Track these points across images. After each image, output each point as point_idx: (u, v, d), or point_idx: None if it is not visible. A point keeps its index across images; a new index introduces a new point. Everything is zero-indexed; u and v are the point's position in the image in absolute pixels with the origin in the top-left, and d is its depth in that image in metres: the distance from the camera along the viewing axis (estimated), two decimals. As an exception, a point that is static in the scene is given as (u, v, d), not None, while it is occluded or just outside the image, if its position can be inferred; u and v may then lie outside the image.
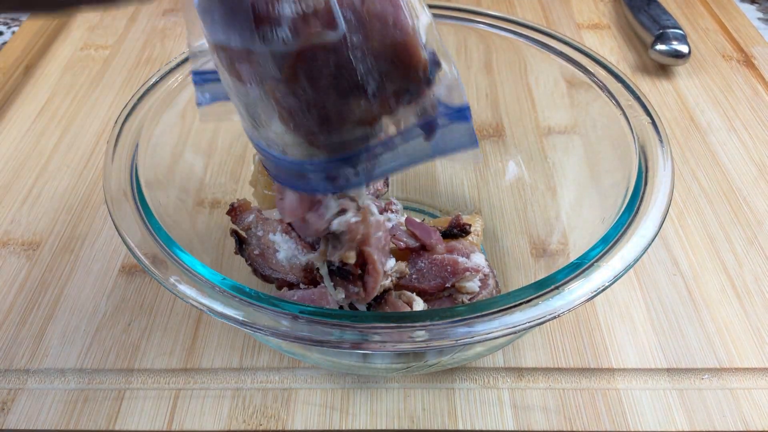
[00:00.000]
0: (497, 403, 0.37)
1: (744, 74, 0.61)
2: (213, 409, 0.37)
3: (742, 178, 0.51)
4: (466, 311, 0.27)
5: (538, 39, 0.43)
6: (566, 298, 0.28)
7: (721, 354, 0.39)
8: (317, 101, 0.24)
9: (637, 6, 0.66)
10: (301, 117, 0.25)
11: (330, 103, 0.25)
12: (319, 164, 0.27)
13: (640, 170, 0.33)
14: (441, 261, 0.36)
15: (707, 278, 0.43)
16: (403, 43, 0.24)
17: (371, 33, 0.23)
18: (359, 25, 0.23)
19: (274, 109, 0.25)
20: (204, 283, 0.29)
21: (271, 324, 0.27)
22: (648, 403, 0.37)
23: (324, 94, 0.24)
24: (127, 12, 0.72)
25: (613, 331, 0.40)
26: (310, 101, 0.24)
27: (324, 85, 0.24)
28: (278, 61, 0.23)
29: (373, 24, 0.23)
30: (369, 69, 0.24)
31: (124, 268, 0.44)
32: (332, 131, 0.26)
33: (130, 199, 0.33)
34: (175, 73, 0.40)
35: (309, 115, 0.25)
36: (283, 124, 0.26)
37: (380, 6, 0.23)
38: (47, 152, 0.54)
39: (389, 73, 0.25)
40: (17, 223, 0.48)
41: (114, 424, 0.36)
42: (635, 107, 0.37)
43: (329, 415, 0.36)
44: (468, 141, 0.28)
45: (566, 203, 0.42)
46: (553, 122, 0.45)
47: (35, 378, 0.38)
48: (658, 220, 0.30)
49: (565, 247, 0.40)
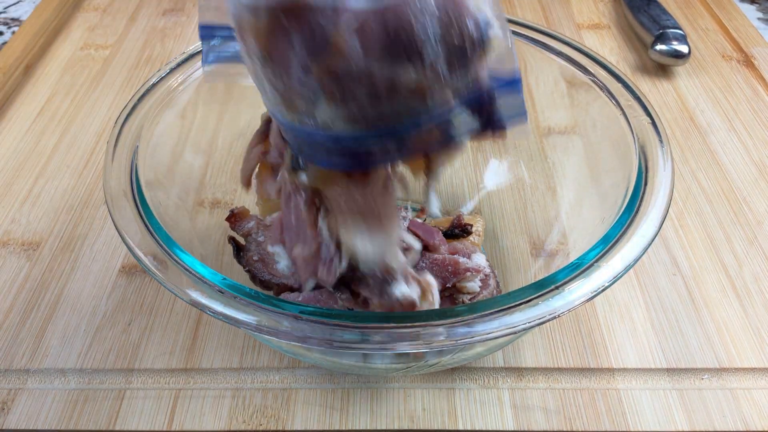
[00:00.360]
0: (497, 403, 0.37)
1: (744, 74, 0.61)
2: (213, 409, 0.37)
3: (742, 178, 0.51)
4: (466, 311, 0.27)
5: (538, 39, 0.42)
6: (566, 299, 0.28)
7: (721, 354, 0.39)
8: (369, 69, 0.22)
9: (637, 6, 0.66)
10: (350, 90, 0.23)
11: (383, 71, 0.22)
12: (358, 137, 0.25)
13: (640, 170, 0.33)
14: (442, 261, 0.36)
15: (707, 278, 0.43)
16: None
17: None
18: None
19: (318, 87, 0.23)
20: (204, 283, 0.29)
21: (272, 324, 0.27)
22: (648, 403, 0.37)
23: (377, 61, 0.22)
24: (127, 12, 0.72)
25: (613, 331, 0.40)
26: (362, 70, 0.22)
27: (377, 50, 0.22)
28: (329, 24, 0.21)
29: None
30: (424, 28, 0.22)
31: (124, 268, 0.44)
32: (381, 102, 0.23)
33: (130, 199, 0.33)
34: (175, 73, 0.40)
35: (359, 86, 0.23)
36: (327, 99, 0.23)
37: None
38: (47, 152, 0.54)
39: (442, 34, 0.22)
40: (17, 223, 0.48)
41: (114, 424, 0.36)
42: (635, 107, 0.37)
43: (329, 415, 0.36)
44: (517, 114, 0.26)
45: (566, 203, 0.42)
46: (553, 122, 0.45)
47: (35, 378, 0.38)
48: (658, 220, 0.30)
49: (564, 247, 0.40)
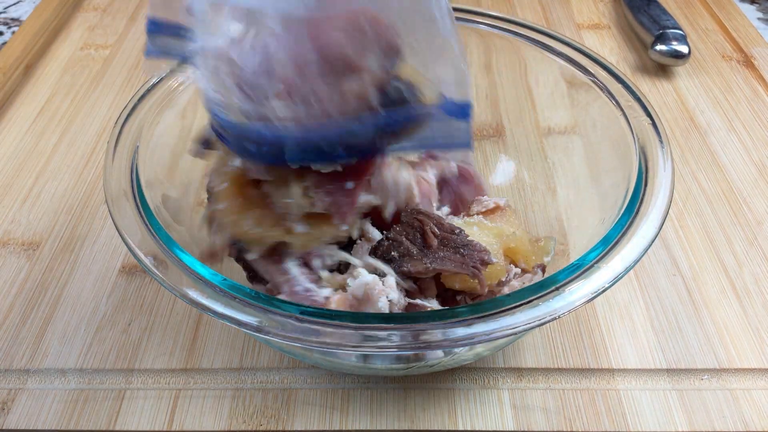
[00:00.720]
0: (497, 403, 0.37)
1: (744, 74, 0.61)
2: (213, 409, 0.37)
3: (742, 178, 0.51)
4: (467, 312, 0.27)
5: (538, 39, 0.43)
6: (566, 299, 0.28)
7: (720, 354, 0.39)
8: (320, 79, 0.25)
9: (637, 6, 0.66)
10: (301, 95, 0.25)
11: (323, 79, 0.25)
12: (305, 137, 0.27)
13: (640, 171, 0.33)
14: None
15: (707, 279, 0.43)
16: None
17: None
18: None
19: (274, 87, 0.25)
20: (204, 284, 0.29)
21: (272, 324, 0.27)
22: (648, 403, 0.37)
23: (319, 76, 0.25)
24: (127, 12, 0.72)
25: (613, 332, 0.40)
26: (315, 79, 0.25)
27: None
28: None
29: None
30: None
31: (124, 268, 0.44)
32: (327, 104, 0.26)
33: (130, 199, 0.33)
34: (175, 74, 0.40)
35: (311, 94, 0.25)
36: (280, 100, 0.26)
37: None
38: (47, 152, 0.54)
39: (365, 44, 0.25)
40: (17, 223, 0.48)
41: (114, 424, 0.36)
42: (635, 108, 0.37)
43: (329, 415, 0.36)
44: (462, 141, 0.27)
45: (566, 203, 0.42)
46: (553, 122, 0.45)
47: (35, 378, 0.38)
48: (658, 220, 0.30)
49: (565, 248, 0.40)
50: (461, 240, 0.33)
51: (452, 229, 0.34)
